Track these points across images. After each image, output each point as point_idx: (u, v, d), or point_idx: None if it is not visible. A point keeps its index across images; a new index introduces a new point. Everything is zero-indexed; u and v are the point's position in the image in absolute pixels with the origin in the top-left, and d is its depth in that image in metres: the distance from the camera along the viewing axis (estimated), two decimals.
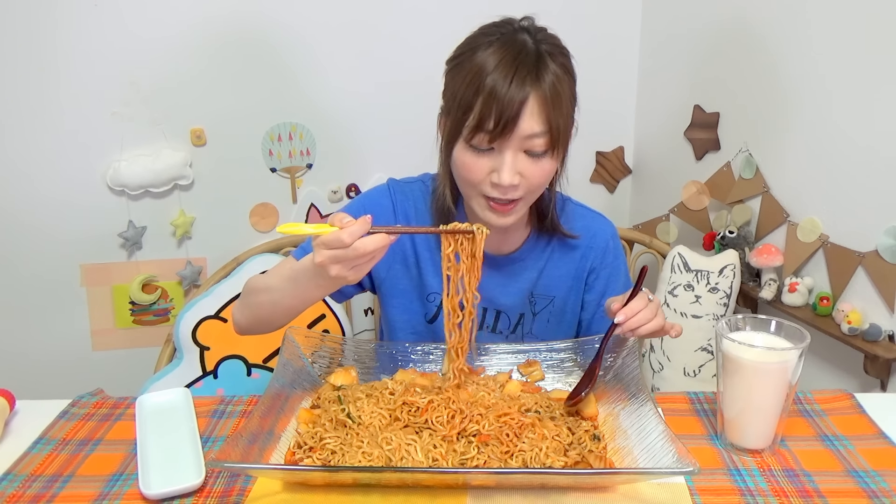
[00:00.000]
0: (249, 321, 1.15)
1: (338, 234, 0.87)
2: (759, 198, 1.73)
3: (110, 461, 0.95)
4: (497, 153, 1.01)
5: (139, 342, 2.00)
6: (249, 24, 1.85)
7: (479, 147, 1.01)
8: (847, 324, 1.47)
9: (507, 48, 0.99)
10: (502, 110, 0.96)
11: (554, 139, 1.00)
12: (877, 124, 1.42)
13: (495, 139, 0.99)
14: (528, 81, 0.97)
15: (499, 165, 1.01)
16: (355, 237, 0.87)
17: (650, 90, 2.10)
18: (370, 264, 0.91)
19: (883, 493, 0.86)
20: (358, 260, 0.89)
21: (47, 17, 1.74)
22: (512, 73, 0.97)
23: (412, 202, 1.19)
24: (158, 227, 1.94)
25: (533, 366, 1.13)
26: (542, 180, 1.05)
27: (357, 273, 0.91)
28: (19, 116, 1.79)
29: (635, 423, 0.93)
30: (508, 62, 0.97)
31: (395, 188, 1.20)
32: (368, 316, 2.05)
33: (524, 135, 0.99)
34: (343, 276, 0.90)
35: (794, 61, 1.60)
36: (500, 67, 0.97)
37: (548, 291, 1.23)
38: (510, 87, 0.96)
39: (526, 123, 0.98)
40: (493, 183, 1.02)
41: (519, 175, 1.02)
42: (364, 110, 1.98)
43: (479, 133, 0.99)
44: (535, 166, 1.02)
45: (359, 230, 0.87)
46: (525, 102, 0.97)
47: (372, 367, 1.14)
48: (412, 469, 0.86)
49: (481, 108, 0.97)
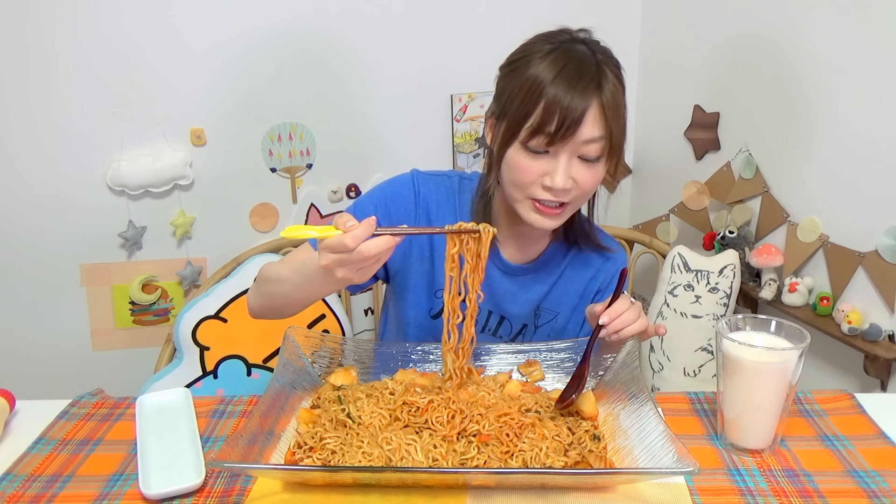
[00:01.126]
0: (262, 308, 1.17)
1: (341, 239, 0.86)
2: (759, 198, 1.73)
3: (110, 461, 0.94)
4: (552, 157, 1.02)
5: (139, 342, 2.00)
6: (249, 25, 1.85)
7: (536, 150, 1.02)
8: (847, 324, 1.47)
9: (569, 57, 1.01)
10: (566, 115, 0.98)
11: (610, 145, 1.03)
12: (877, 124, 1.42)
13: (554, 142, 1.00)
14: (590, 89, 0.99)
15: (552, 169, 1.02)
16: (359, 241, 0.86)
17: (650, 90, 2.10)
18: (376, 266, 0.91)
19: (883, 493, 0.86)
20: (362, 263, 0.89)
21: (47, 17, 1.74)
22: (577, 79, 0.99)
23: (434, 196, 1.18)
24: (158, 227, 1.94)
25: (533, 366, 1.13)
26: (593, 186, 1.06)
27: (363, 275, 0.91)
28: (19, 116, 1.79)
29: (635, 423, 0.93)
30: (572, 70, 1.00)
31: (420, 180, 1.19)
32: (368, 316, 2.05)
33: (583, 139, 1.00)
34: (349, 279, 0.91)
35: (794, 61, 1.60)
36: (565, 74, 0.99)
37: (555, 307, 1.24)
38: (575, 92, 0.99)
39: (587, 129, 1.00)
40: (545, 186, 1.03)
41: (572, 180, 1.03)
42: (364, 110, 1.98)
43: (539, 136, 1.00)
44: (588, 171, 1.04)
45: (362, 234, 0.86)
46: (587, 109, 0.99)
47: (372, 367, 1.13)
48: (412, 469, 0.86)
49: (543, 113, 0.99)
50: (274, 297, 1.13)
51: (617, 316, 1.00)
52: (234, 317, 1.79)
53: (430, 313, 1.22)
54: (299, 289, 1.06)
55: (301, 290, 1.07)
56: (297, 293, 1.08)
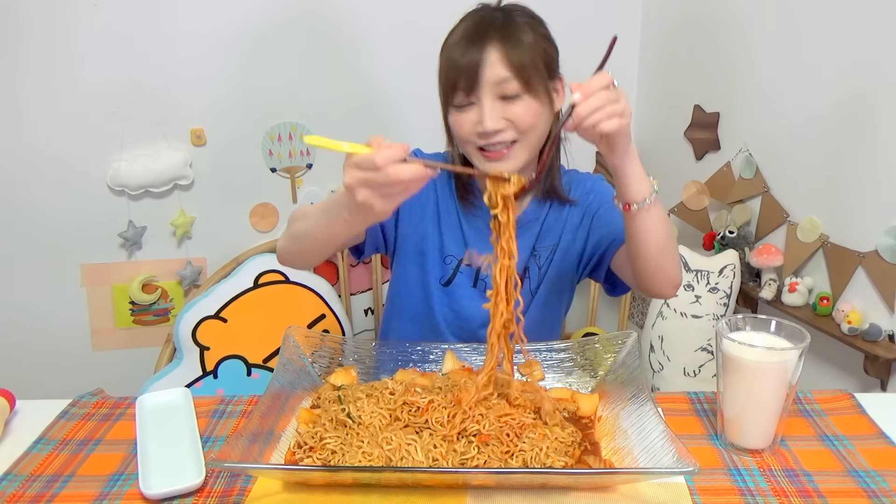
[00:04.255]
0: (288, 250, 1.15)
1: (370, 155, 0.81)
2: (759, 198, 1.73)
3: (110, 461, 0.95)
4: (477, 106, 1.08)
5: (139, 342, 2.00)
6: (249, 25, 1.85)
7: (461, 105, 1.10)
8: (847, 324, 1.46)
9: (473, 19, 1.11)
10: (465, 64, 1.06)
11: (525, 80, 1.06)
12: (877, 124, 1.42)
13: (468, 91, 1.07)
14: (487, 36, 1.07)
15: (480, 115, 1.08)
16: (389, 160, 0.80)
17: (650, 90, 2.10)
18: (402, 196, 0.85)
19: (883, 493, 0.86)
20: (389, 188, 0.82)
21: (47, 18, 1.74)
22: (471, 32, 1.08)
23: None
24: (158, 227, 1.94)
25: (533, 366, 1.12)
26: (530, 120, 1.09)
27: (386, 203, 0.84)
28: (19, 116, 1.79)
29: (635, 423, 0.93)
30: (470, 26, 1.09)
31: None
32: (368, 316, 2.05)
33: (492, 81, 1.06)
34: (370, 204, 0.84)
35: (794, 61, 1.60)
36: (465, 32, 1.09)
37: (548, 243, 1.25)
38: (471, 43, 1.07)
39: (491, 71, 1.06)
40: (480, 132, 1.09)
41: (504, 120, 1.08)
42: (364, 110, 1.98)
43: (456, 91, 1.08)
44: (518, 108, 1.08)
45: (394, 154, 0.81)
46: (484, 52, 1.06)
47: (372, 367, 1.14)
48: (412, 469, 0.86)
49: (451, 70, 1.08)
50: (297, 238, 1.09)
51: (592, 92, 0.86)
52: (234, 317, 1.79)
53: (441, 281, 1.25)
54: (319, 225, 1.01)
55: (321, 227, 1.01)
56: (317, 230, 1.02)
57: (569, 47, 1.18)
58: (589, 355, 1.11)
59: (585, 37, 1.31)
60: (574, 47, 1.20)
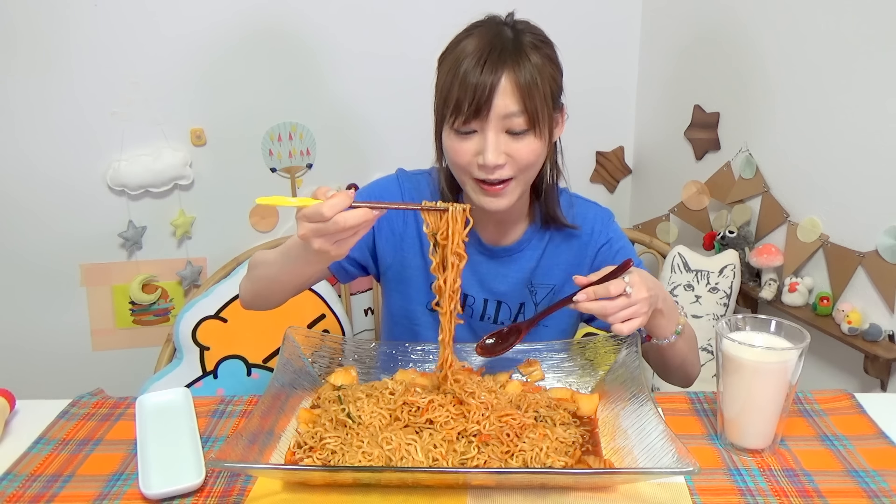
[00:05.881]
0: (252, 295, 1.18)
1: (318, 207, 0.86)
2: (759, 198, 1.73)
3: (110, 461, 0.95)
4: (480, 135, 1.04)
5: (139, 342, 2.00)
6: (249, 25, 1.85)
7: (462, 130, 1.04)
8: (847, 324, 1.47)
9: (485, 36, 1.04)
10: (475, 91, 1.00)
11: (531, 118, 1.03)
12: (877, 124, 1.42)
13: (471, 120, 1.02)
14: (501, 63, 1.01)
15: (483, 146, 1.03)
16: (336, 210, 0.86)
17: (650, 90, 2.10)
18: (353, 239, 0.91)
19: (883, 493, 0.86)
20: (339, 234, 0.88)
21: (48, 17, 1.74)
22: (486, 56, 1.01)
23: (418, 192, 1.21)
24: (158, 227, 1.94)
25: (533, 366, 1.13)
26: (530, 159, 1.06)
27: (340, 248, 0.90)
28: (19, 116, 1.79)
29: (635, 423, 0.93)
30: (483, 47, 1.02)
31: (404, 178, 1.23)
32: (368, 316, 2.05)
33: (501, 114, 1.02)
34: (326, 251, 0.90)
35: (794, 61, 1.60)
36: (475, 52, 1.02)
37: (547, 280, 1.23)
38: (483, 68, 1.00)
39: (501, 102, 1.01)
40: (480, 164, 1.04)
41: (505, 155, 1.04)
42: (364, 110, 1.98)
43: (459, 115, 1.02)
44: (519, 145, 1.04)
45: (340, 203, 0.86)
46: (498, 82, 1.00)
47: (372, 367, 1.14)
48: (412, 469, 0.86)
49: (458, 92, 1.01)
50: (260, 283, 1.14)
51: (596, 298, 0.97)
52: (234, 317, 1.79)
53: (428, 306, 1.23)
54: (283, 270, 1.07)
55: (284, 272, 1.07)
56: (282, 275, 1.08)
57: (569, 47, 1.18)
58: (589, 355, 1.12)
59: (586, 37, 1.32)
60: (574, 48, 1.20)
